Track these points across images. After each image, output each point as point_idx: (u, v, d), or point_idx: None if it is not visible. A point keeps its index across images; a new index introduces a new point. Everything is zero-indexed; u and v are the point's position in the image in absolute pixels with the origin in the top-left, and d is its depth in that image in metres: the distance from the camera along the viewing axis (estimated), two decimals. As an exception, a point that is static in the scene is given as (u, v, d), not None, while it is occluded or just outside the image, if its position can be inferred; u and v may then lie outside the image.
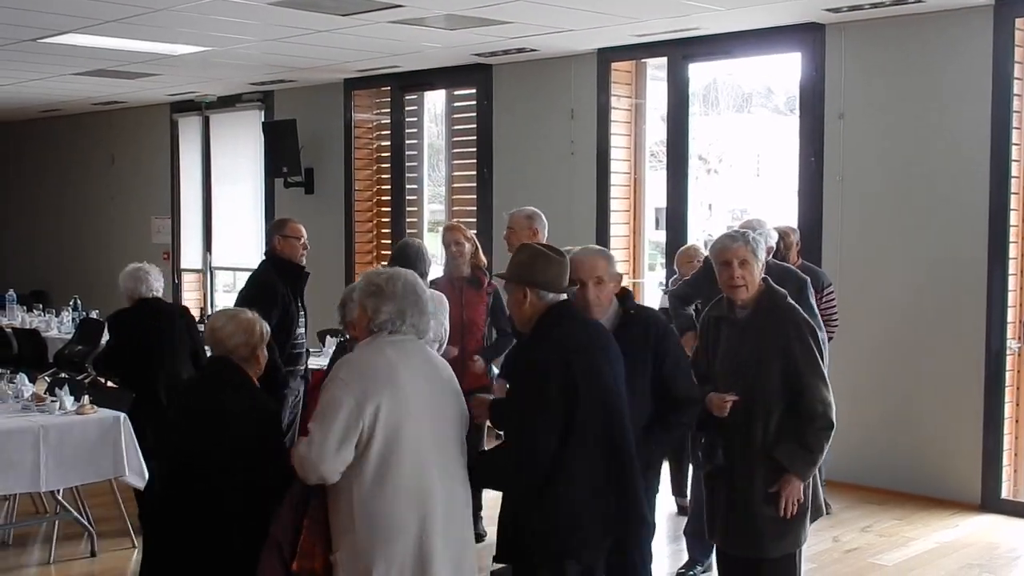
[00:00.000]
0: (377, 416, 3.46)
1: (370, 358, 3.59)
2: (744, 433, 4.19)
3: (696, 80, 9.03)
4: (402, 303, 3.61)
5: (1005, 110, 7.15)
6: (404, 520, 3.50)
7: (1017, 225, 7.29)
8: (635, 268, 9.33)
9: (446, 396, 3.69)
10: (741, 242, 4.26)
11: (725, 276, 4.27)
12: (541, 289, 3.84)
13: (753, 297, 4.26)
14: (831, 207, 7.89)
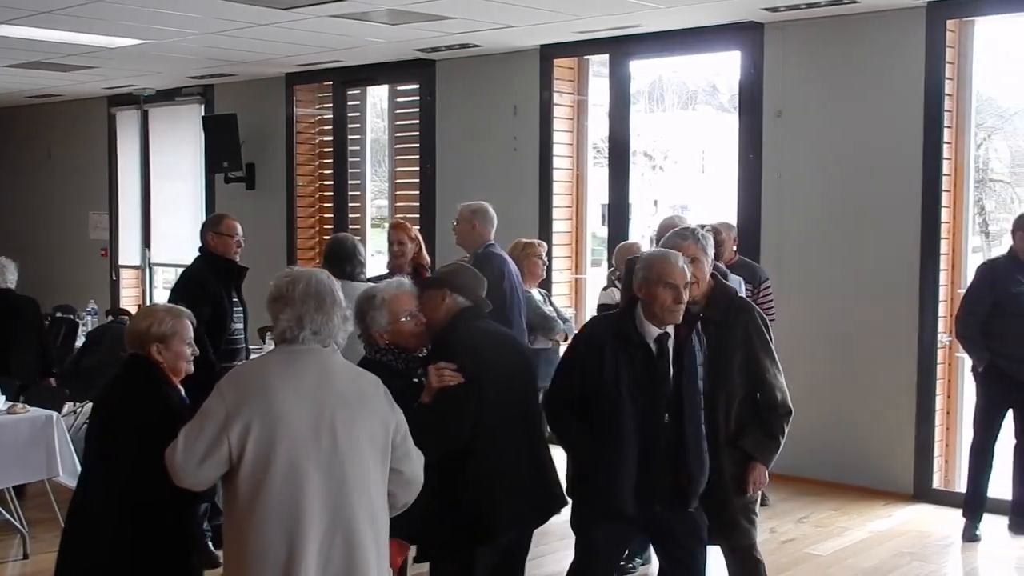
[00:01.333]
0: (248, 434, 3.17)
1: (251, 371, 3.42)
2: (708, 426, 4.25)
3: (642, 77, 9.11)
4: (300, 309, 3.31)
5: (937, 109, 7.31)
6: (268, 551, 3.17)
7: (948, 222, 7.46)
8: (577, 264, 9.39)
9: (351, 412, 3.30)
10: (691, 240, 4.36)
11: None
12: (458, 294, 4.14)
13: (704, 292, 4.36)
14: (769, 204, 8.00)
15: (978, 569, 6.37)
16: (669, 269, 4.03)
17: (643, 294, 4.06)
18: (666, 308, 4.02)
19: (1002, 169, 26.65)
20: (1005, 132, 26.04)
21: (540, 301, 6.98)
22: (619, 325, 4.12)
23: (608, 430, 4.05)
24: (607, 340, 4.08)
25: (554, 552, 6.42)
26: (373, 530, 3.31)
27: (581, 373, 4.11)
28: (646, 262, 4.11)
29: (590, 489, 4.14)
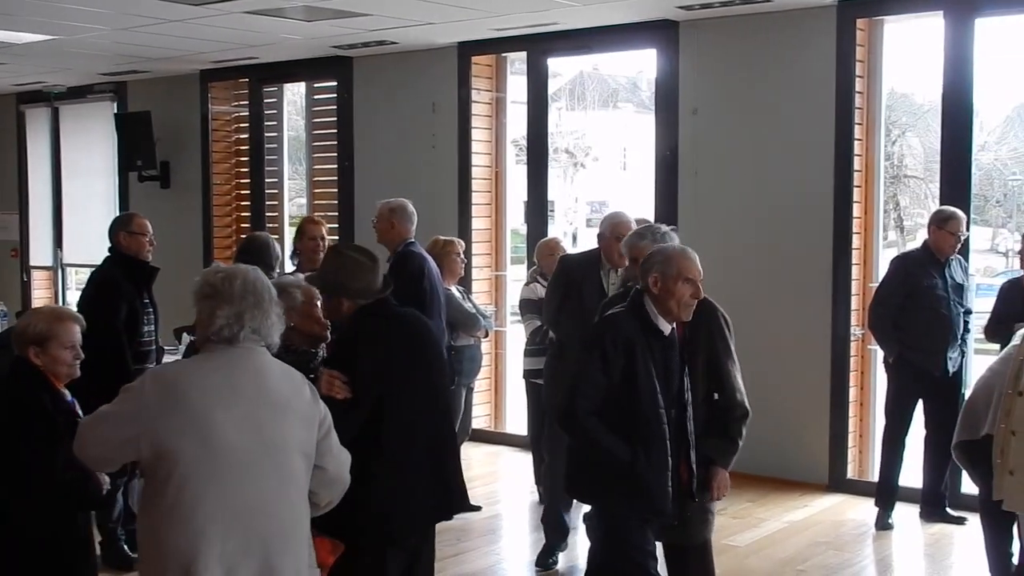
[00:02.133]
0: (156, 436, 3.06)
1: (172, 370, 3.31)
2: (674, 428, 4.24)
3: (564, 75, 9.15)
4: (240, 306, 3.17)
5: (848, 107, 7.44)
6: (169, 557, 3.07)
7: (860, 217, 7.61)
8: (497, 261, 9.40)
9: (281, 412, 3.20)
10: (649, 239, 4.40)
11: (634, 273, 4.38)
12: (356, 298, 4.04)
13: None
14: (686, 200, 8.09)
15: (891, 556, 6.50)
16: (688, 265, 4.11)
17: (659, 289, 4.07)
18: (683, 303, 4.07)
19: (916, 165, 27.25)
20: (918, 129, 26.63)
21: (460, 298, 6.98)
22: (642, 321, 4.11)
23: (648, 427, 4.05)
24: (636, 337, 4.07)
25: (475, 549, 6.45)
26: (296, 532, 3.24)
27: (609, 374, 4.05)
28: (664, 257, 4.13)
29: (629, 490, 4.10)
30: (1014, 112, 32.46)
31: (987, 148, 30.08)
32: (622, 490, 4.11)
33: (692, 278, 4.09)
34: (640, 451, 4.04)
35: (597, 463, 4.16)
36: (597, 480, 4.23)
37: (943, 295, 6.60)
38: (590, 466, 4.24)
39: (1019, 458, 4.46)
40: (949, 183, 7.30)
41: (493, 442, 9.08)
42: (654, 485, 4.08)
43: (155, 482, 3.10)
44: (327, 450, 3.34)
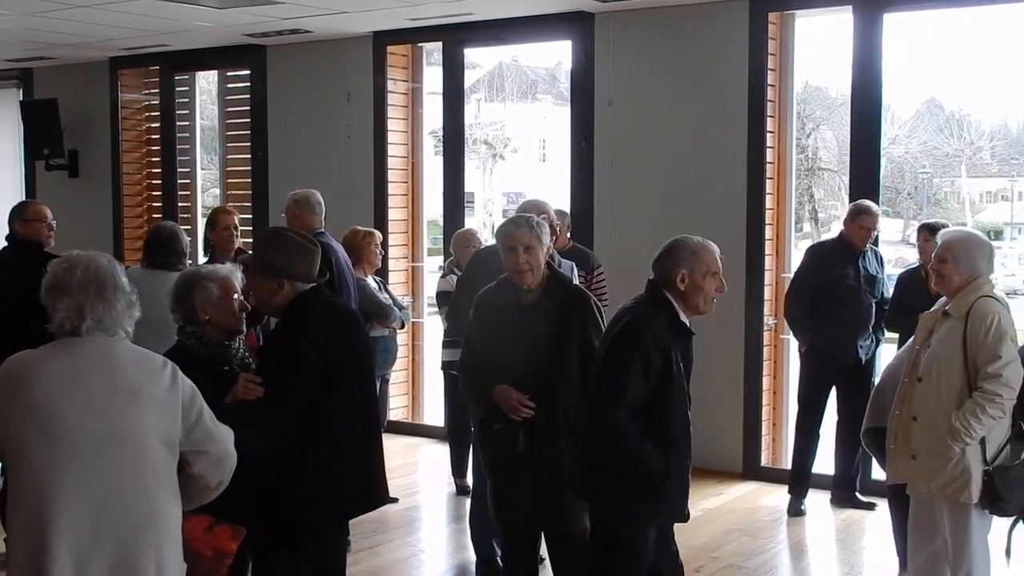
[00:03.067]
0: (6, 430, 3.03)
1: (15, 362, 3.15)
2: (546, 416, 4.25)
3: (483, 66, 9.13)
4: (79, 298, 3.09)
5: (760, 99, 7.53)
6: (20, 548, 3.03)
7: (772, 208, 7.71)
8: (414, 252, 9.35)
9: (132, 400, 3.11)
10: (525, 228, 4.34)
11: (511, 261, 4.35)
12: (297, 281, 3.97)
13: (540, 281, 4.35)
14: (602, 191, 8.12)
15: (804, 541, 6.61)
16: (714, 258, 3.99)
17: (686, 286, 3.94)
18: (709, 298, 3.99)
19: (830, 158, 27.74)
20: (832, 122, 27.10)
21: (375, 289, 6.92)
22: (671, 320, 3.95)
23: (679, 432, 3.94)
24: (670, 339, 3.91)
25: (392, 541, 6.42)
26: (157, 523, 3.14)
27: (648, 380, 3.86)
28: (689, 252, 3.98)
29: (655, 497, 3.93)
30: (924, 106, 33.19)
31: (898, 141, 30.75)
32: (648, 497, 3.94)
33: (718, 271, 4.00)
34: (672, 459, 3.91)
35: (624, 470, 3.95)
36: (622, 486, 3.98)
37: (855, 285, 6.72)
38: (613, 472, 3.99)
39: (920, 442, 4.54)
40: (859, 176, 7.43)
41: (411, 434, 9.04)
42: (681, 492, 4.00)
43: (10, 474, 3.08)
44: (204, 434, 3.25)
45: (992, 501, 4.44)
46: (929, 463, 4.50)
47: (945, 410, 4.43)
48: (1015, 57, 40.18)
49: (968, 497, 4.43)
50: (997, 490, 4.41)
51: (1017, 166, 30.05)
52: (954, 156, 32.09)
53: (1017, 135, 29.92)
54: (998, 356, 4.34)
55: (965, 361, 4.42)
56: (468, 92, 9.33)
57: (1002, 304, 4.50)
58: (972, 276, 4.50)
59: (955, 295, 4.53)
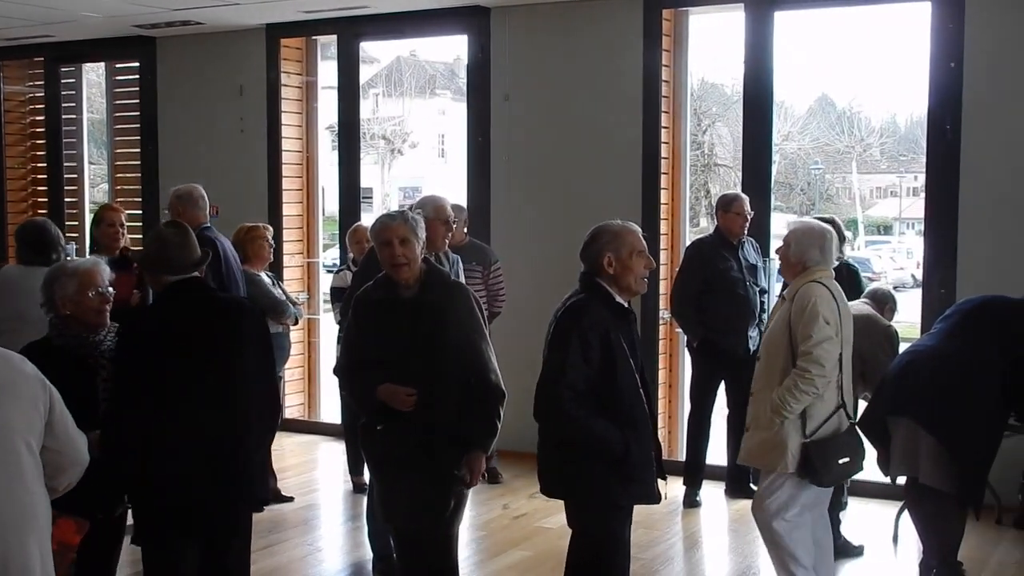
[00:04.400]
0: None
1: None
2: (427, 414, 4.16)
3: (381, 61, 9.05)
4: None
5: (654, 95, 7.60)
6: None
7: (667, 203, 7.79)
8: (309, 248, 9.24)
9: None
10: (400, 220, 4.21)
11: (386, 255, 4.21)
12: (161, 274, 4.04)
13: (417, 276, 4.23)
14: (498, 186, 8.12)
15: (698, 532, 6.69)
16: (636, 239, 4.11)
17: (615, 268, 4.07)
18: (640, 277, 4.09)
19: (725, 154, 28.22)
20: (727, 119, 27.59)
21: (268, 284, 6.81)
22: (608, 302, 4.07)
23: (633, 410, 4.02)
24: (609, 318, 4.03)
25: (288, 540, 6.33)
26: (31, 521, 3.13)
27: (590, 361, 3.96)
28: (612, 235, 4.12)
29: (624, 478, 4.03)
30: (816, 103, 34.01)
31: (791, 138, 31.44)
32: (617, 479, 4.03)
33: (644, 250, 4.11)
34: (631, 438, 3.99)
35: (588, 452, 4.03)
36: (588, 472, 4.07)
37: (739, 276, 6.84)
38: (578, 457, 4.07)
39: (753, 416, 4.86)
40: (750, 171, 7.55)
41: (307, 432, 8.93)
42: (647, 469, 4.08)
43: None
44: (63, 432, 3.28)
45: (808, 472, 4.69)
46: (757, 435, 4.79)
47: (772, 387, 4.72)
48: (903, 55, 41.30)
49: (784, 467, 4.69)
50: (812, 462, 4.66)
51: (905, 162, 30.96)
52: (845, 152, 32.93)
53: (906, 132, 30.82)
54: (810, 336, 4.60)
55: (790, 341, 4.70)
56: (366, 87, 9.25)
57: (829, 290, 4.74)
58: (803, 263, 4.80)
59: (792, 280, 4.83)
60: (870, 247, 30.29)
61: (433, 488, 4.19)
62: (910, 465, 5.29)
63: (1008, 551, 6.10)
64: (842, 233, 6.87)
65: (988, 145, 6.71)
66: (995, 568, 5.80)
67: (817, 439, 4.69)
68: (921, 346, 5.52)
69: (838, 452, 4.75)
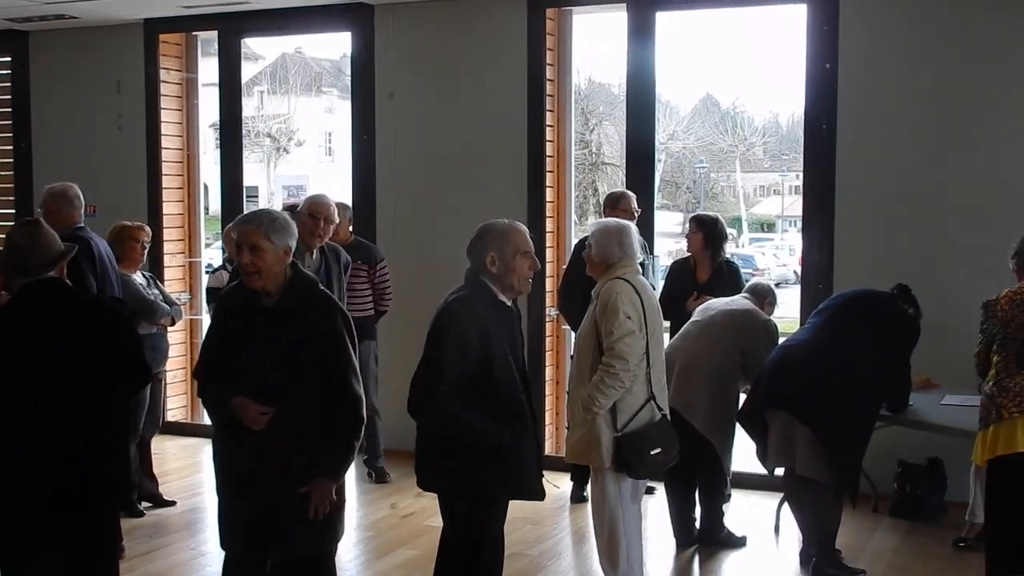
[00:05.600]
0: None
1: None
2: (280, 431, 3.83)
3: (266, 58, 8.92)
4: None
5: (539, 94, 7.63)
6: None
7: (553, 201, 7.83)
8: (191, 247, 9.05)
9: None
10: (253, 225, 3.84)
11: (239, 260, 3.91)
12: (11, 277, 3.98)
13: (280, 283, 3.88)
14: (384, 184, 8.07)
15: (586, 527, 6.71)
16: (522, 239, 4.10)
17: (497, 268, 4.03)
18: (523, 278, 4.08)
19: (613, 153, 28.53)
20: (615, 118, 27.90)
21: (143, 285, 6.65)
22: (488, 299, 4.05)
23: (514, 407, 4.02)
24: (489, 315, 4.00)
25: (170, 545, 6.24)
26: None
27: (466, 358, 3.94)
28: (497, 234, 4.09)
29: (503, 469, 4.03)
30: (701, 103, 34.63)
31: (676, 137, 31.95)
32: (491, 472, 4.03)
33: (528, 250, 4.10)
34: (507, 430, 4.00)
35: (464, 446, 4.00)
36: (461, 465, 4.02)
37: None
38: (454, 450, 4.02)
39: (570, 414, 5.05)
40: (634, 169, 7.63)
41: (190, 434, 8.75)
42: (526, 462, 4.10)
43: None
44: None
45: (623, 465, 4.81)
46: (576, 433, 4.91)
47: (585, 384, 4.82)
48: (784, 56, 42.26)
49: (600, 462, 4.82)
50: (624, 455, 4.78)
51: (788, 161, 31.70)
52: (729, 151, 33.59)
53: (788, 132, 31.57)
54: (612, 331, 4.73)
55: (597, 339, 4.81)
56: (250, 84, 9.11)
57: (632, 284, 4.86)
58: (606, 261, 4.93)
59: (598, 276, 4.96)
60: (754, 244, 30.98)
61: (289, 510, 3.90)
62: (787, 457, 5.43)
63: (884, 538, 6.29)
64: (724, 231, 7.01)
65: (862, 144, 6.91)
66: (872, 554, 5.97)
67: (628, 432, 4.79)
68: (795, 340, 5.66)
69: (650, 444, 4.86)
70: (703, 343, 5.84)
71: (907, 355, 5.57)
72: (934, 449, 6.53)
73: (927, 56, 6.76)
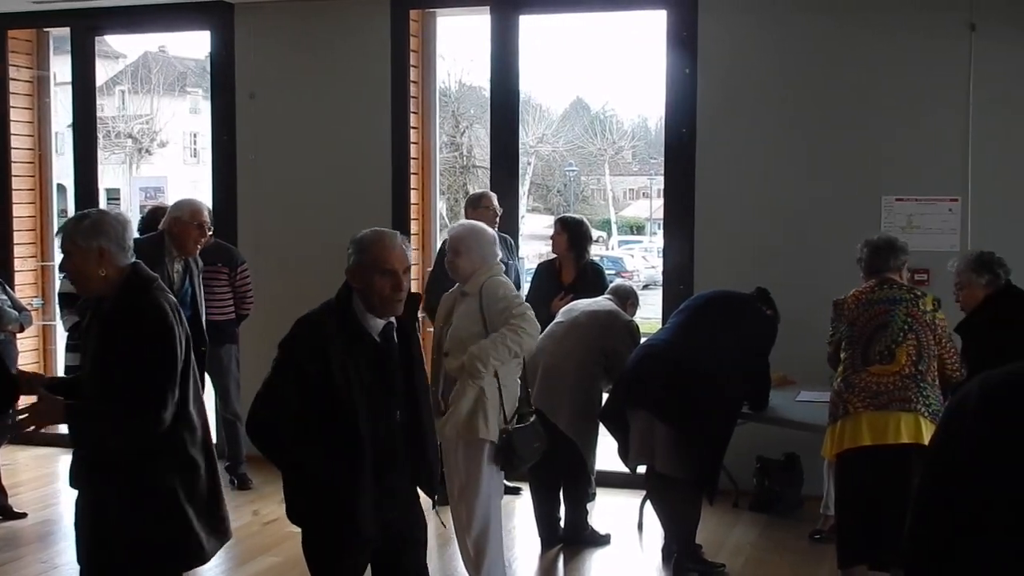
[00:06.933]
0: None
1: None
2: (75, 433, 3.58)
3: (128, 57, 8.67)
4: None
5: (403, 96, 7.60)
6: None
7: (418, 203, 7.81)
8: (43, 250, 8.75)
9: None
10: (63, 230, 3.62)
11: None
12: None
13: (116, 287, 3.59)
14: (245, 186, 7.94)
15: (449, 529, 6.70)
16: (385, 254, 3.54)
17: (358, 282, 3.55)
18: (385, 298, 3.53)
19: (484, 156, 28.65)
20: (485, 121, 28.09)
21: (-8, 290, 6.41)
22: (341, 320, 3.54)
23: (345, 444, 3.47)
24: (331, 339, 3.49)
25: (21, 558, 6.05)
26: None
27: (300, 382, 3.46)
28: (359, 245, 3.58)
29: (328, 516, 3.55)
30: (571, 107, 35.03)
31: (546, 140, 32.26)
32: (325, 512, 3.57)
33: (391, 268, 3.52)
34: (341, 467, 3.49)
35: (297, 482, 3.61)
36: (301, 501, 3.63)
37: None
38: (292, 485, 3.65)
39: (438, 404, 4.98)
40: (500, 171, 7.65)
41: (45, 444, 8.44)
42: (357, 509, 3.52)
43: None
44: None
45: (508, 458, 4.86)
46: (460, 407, 4.83)
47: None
48: (652, 61, 43.01)
49: (487, 434, 4.78)
50: (514, 445, 4.82)
51: (656, 165, 32.31)
52: (598, 155, 34.06)
53: (656, 136, 32.17)
54: (512, 308, 4.77)
55: (485, 329, 4.82)
56: (111, 83, 8.85)
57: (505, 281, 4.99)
58: (481, 262, 4.95)
59: (468, 279, 4.96)
60: (623, 247, 31.47)
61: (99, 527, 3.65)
62: (648, 455, 5.51)
63: (744, 532, 6.43)
64: (589, 233, 7.08)
65: (720, 147, 7.06)
66: (732, 548, 6.09)
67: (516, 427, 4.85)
68: (656, 340, 5.75)
69: (535, 438, 4.95)
70: (567, 344, 5.89)
71: (766, 355, 5.71)
72: (791, 445, 6.71)
73: (784, 61, 6.95)
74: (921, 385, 4.66)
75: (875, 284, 4.95)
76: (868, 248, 5.08)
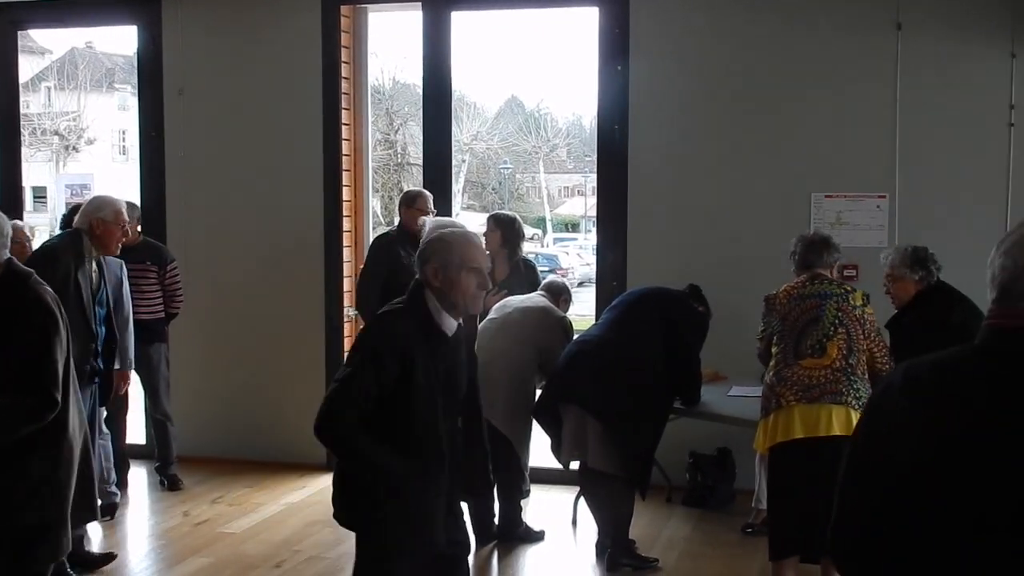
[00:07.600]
0: None
1: None
2: None
3: (54, 52, 8.47)
4: None
5: (335, 93, 7.53)
6: None
7: (350, 200, 7.75)
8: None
9: None
10: None
11: None
12: None
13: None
14: (174, 183, 7.81)
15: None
16: (473, 252, 3.54)
17: (440, 281, 3.48)
18: (470, 295, 3.51)
19: (418, 153, 28.51)
20: (420, 118, 27.88)
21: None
22: (421, 320, 3.47)
23: (422, 446, 3.42)
24: (413, 339, 3.41)
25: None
26: None
27: (382, 383, 3.34)
28: (441, 244, 3.54)
29: (398, 515, 3.42)
30: (506, 104, 35.03)
31: (480, 138, 32.22)
32: (390, 514, 3.43)
33: (477, 267, 3.53)
34: (417, 468, 3.43)
35: (365, 482, 3.47)
36: (363, 501, 3.49)
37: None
38: (356, 485, 3.51)
39: None
40: (433, 169, 7.61)
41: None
42: (428, 509, 3.47)
43: None
44: None
45: None
46: None
47: None
48: (585, 59, 43.15)
49: None
50: None
51: (590, 163, 32.40)
52: (533, 153, 34.11)
53: (590, 134, 32.26)
54: None
55: None
56: (37, 79, 8.65)
57: None
58: None
59: None
60: (558, 244, 31.54)
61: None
62: (581, 451, 5.53)
63: (678, 526, 6.47)
64: (521, 230, 7.07)
65: (652, 145, 7.09)
66: (665, 543, 6.14)
67: None
68: (588, 336, 5.77)
69: None
70: (500, 340, 5.88)
71: (697, 350, 5.75)
72: (723, 439, 6.77)
73: (715, 59, 7.00)
74: (852, 378, 4.72)
75: (806, 279, 5.00)
76: (802, 243, 5.14)
